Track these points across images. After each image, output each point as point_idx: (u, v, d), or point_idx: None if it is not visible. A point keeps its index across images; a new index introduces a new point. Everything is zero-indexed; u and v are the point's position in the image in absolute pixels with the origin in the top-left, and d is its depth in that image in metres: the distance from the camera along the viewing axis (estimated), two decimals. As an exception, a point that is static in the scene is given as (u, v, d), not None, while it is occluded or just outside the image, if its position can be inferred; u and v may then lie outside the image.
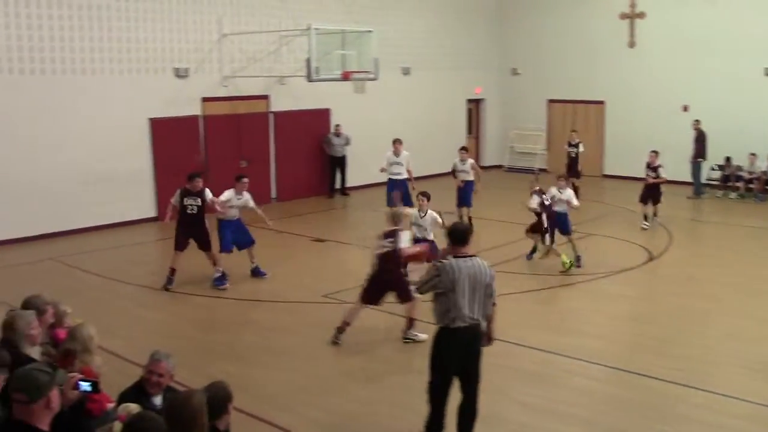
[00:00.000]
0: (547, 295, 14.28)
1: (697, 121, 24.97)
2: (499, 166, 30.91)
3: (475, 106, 31.31)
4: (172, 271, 14.92)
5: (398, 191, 16.84)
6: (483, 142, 31.64)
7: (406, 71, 27.51)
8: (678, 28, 26.74)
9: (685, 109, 26.55)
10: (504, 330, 11.46)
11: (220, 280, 15.02)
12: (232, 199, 15.25)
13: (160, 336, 12.36)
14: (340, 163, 24.88)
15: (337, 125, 24.60)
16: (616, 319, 13.28)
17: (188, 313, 13.60)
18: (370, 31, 21.71)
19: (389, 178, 20.07)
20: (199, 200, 14.96)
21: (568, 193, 16.37)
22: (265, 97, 23.29)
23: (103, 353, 10.01)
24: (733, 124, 25.52)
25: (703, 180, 25.14)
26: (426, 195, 14.31)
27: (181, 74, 21.16)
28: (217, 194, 15.04)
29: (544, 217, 15.99)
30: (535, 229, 16.27)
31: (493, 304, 8.26)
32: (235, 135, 22.35)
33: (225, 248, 15.32)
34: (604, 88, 28.83)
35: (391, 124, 24.96)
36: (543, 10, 30.08)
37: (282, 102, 23.61)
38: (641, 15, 27.78)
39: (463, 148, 20.23)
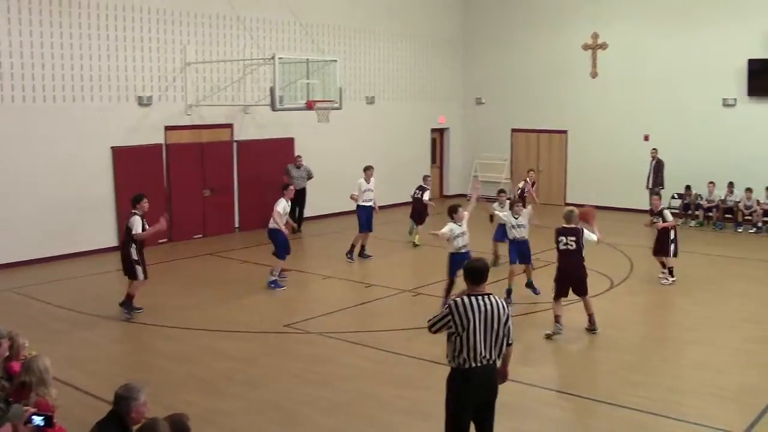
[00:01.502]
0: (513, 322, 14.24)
1: (654, 149, 25.31)
2: (463, 195, 30.97)
3: (439, 135, 31.44)
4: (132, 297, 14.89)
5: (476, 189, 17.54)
6: (447, 171, 31.75)
7: (370, 101, 27.60)
8: (639, 59, 27.18)
9: (647, 138, 26.84)
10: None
11: (278, 282, 16.80)
12: (287, 208, 16.93)
13: (124, 368, 12.26)
14: (299, 196, 23.18)
15: (298, 156, 23.95)
16: (582, 347, 13.31)
17: (153, 344, 13.47)
18: (334, 61, 21.78)
19: (360, 205, 19.97)
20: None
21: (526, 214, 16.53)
22: (229, 126, 23.22)
23: (64, 386, 9.94)
24: (693, 153, 25.94)
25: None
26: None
27: (144, 103, 21.07)
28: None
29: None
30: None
31: (509, 344, 7.86)
32: (198, 164, 22.26)
33: (288, 253, 17.09)
34: (567, 117, 29.13)
35: (356, 154, 24.98)
36: (507, 40, 30.38)
37: (246, 131, 23.57)
38: (603, 46, 28.13)
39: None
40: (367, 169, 20.25)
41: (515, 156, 30.72)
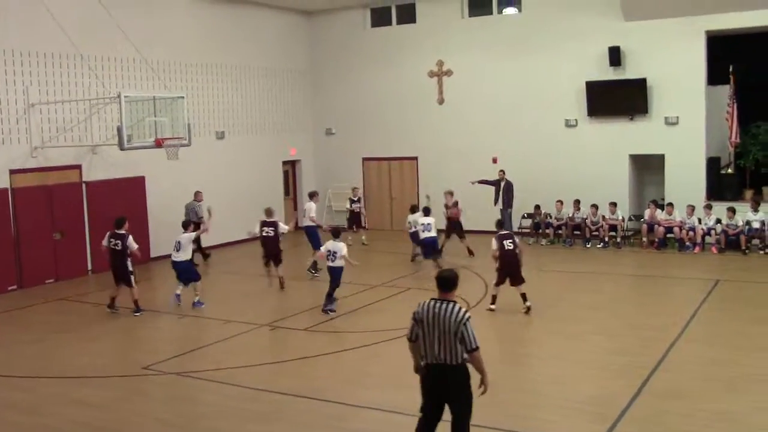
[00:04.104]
0: (373, 351, 14.39)
1: (502, 171, 25.94)
2: (319, 226, 30.98)
3: (291, 167, 31.46)
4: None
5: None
6: (300, 203, 31.68)
7: (220, 135, 27.44)
8: (484, 84, 28.06)
9: (495, 161, 27.51)
10: (334, 390, 11.58)
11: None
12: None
13: (-25, 423, 11.80)
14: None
15: (199, 191, 24.01)
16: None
17: (4, 396, 12.94)
18: (181, 97, 21.61)
19: (311, 226, 22.57)
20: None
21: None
22: (77, 167, 22.71)
23: None
24: (540, 173, 26.84)
25: (514, 228, 26.05)
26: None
27: (-15, 147, 20.47)
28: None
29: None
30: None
31: (471, 351, 8.35)
32: (46, 207, 21.64)
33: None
34: (417, 144, 29.64)
35: (208, 189, 24.76)
36: (353, 69, 30.74)
37: (95, 171, 23.07)
38: (449, 73, 28.78)
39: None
40: (316, 194, 23.73)
41: (367, 184, 30.99)
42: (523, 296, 16.97)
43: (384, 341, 14.87)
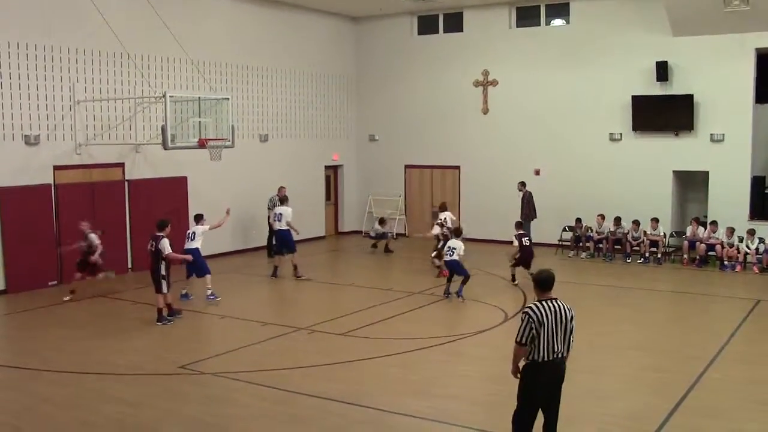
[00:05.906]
0: (409, 358, 14.33)
1: (521, 183, 25.93)
2: (359, 232, 31.05)
3: (333, 172, 31.51)
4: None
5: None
6: (342, 208, 31.79)
7: (263, 138, 27.51)
8: (529, 95, 27.92)
9: (538, 173, 27.40)
10: (369, 396, 11.53)
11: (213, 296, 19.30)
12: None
13: (10, 416, 11.81)
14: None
15: (282, 187, 24.76)
16: (474, 379, 13.41)
17: (40, 390, 13.03)
18: (226, 98, 21.68)
19: (285, 230, 22.28)
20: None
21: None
22: (120, 165, 22.87)
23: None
24: (582, 186, 26.67)
25: (553, 240, 25.96)
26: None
27: (31, 142, 20.59)
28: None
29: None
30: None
31: (572, 341, 9.18)
32: (89, 204, 21.78)
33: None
34: (459, 153, 29.56)
35: (249, 191, 24.87)
36: (398, 77, 30.74)
37: (138, 170, 23.22)
38: (494, 83, 28.68)
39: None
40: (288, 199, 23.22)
41: (409, 192, 30.98)
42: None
43: (420, 349, 14.82)
